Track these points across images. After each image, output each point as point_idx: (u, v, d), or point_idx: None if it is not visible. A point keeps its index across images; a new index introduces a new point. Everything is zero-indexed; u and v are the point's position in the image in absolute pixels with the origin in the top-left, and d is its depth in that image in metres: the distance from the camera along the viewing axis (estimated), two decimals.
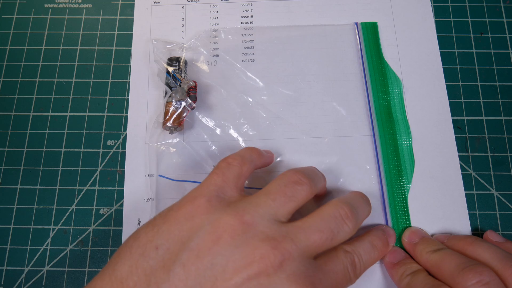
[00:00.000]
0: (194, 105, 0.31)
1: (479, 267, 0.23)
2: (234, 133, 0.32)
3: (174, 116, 0.30)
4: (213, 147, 0.32)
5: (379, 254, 0.26)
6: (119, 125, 0.33)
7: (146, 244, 0.21)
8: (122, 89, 0.34)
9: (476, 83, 0.34)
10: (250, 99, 0.33)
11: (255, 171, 0.29)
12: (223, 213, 0.21)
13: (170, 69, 0.32)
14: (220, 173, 0.23)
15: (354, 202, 0.24)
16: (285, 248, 0.20)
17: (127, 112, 0.33)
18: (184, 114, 0.31)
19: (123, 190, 0.31)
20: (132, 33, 0.35)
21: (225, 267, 0.19)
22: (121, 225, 0.30)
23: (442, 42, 0.34)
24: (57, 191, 0.31)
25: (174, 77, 0.32)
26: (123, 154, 0.32)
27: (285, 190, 0.23)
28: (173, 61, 0.32)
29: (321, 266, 0.22)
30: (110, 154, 0.32)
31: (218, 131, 0.32)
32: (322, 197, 0.30)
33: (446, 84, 0.33)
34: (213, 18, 0.36)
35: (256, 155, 0.26)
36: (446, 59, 0.34)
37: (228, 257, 0.20)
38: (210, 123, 0.32)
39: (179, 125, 0.30)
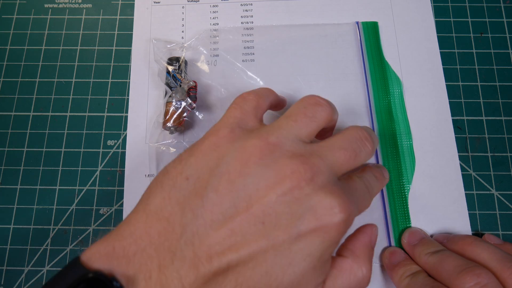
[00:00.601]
0: (194, 105, 0.31)
1: (477, 269, 0.23)
2: None
3: (174, 116, 0.30)
4: None
5: (380, 184, 0.26)
6: (119, 125, 0.33)
7: (176, 176, 0.21)
8: (122, 89, 0.34)
9: (476, 83, 0.34)
10: None
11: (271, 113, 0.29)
12: (248, 138, 0.21)
13: (170, 69, 0.32)
14: (237, 107, 0.24)
15: (368, 129, 0.24)
16: (314, 163, 0.20)
17: (127, 112, 0.33)
18: (184, 114, 0.31)
19: (123, 190, 0.31)
20: (132, 33, 0.35)
21: (258, 186, 0.20)
22: None
23: (442, 42, 0.34)
24: (57, 191, 0.31)
25: (174, 77, 0.32)
26: (123, 154, 0.32)
27: (305, 111, 0.23)
28: (173, 61, 0.32)
29: (345, 184, 0.22)
30: (110, 154, 0.32)
31: None
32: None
33: (446, 84, 0.33)
34: (213, 18, 0.36)
35: (270, 92, 0.26)
36: (446, 59, 0.34)
37: (259, 177, 0.20)
38: (210, 123, 0.32)
39: (179, 125, 0.30)
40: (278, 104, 0.28)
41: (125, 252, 0.19)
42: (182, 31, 0.35)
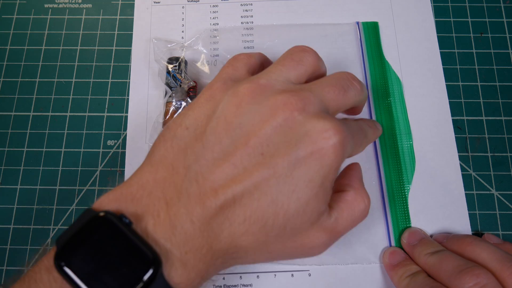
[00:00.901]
0: None
1: (476, 270, 0.23)
2: None
3: (175, 116, 0.30)
4: None
5: (374, 132, 0.28)
6: (119, 125, 0.33)
7: (177, 128, 0.22)
8: (122, 89, 0.34)
9: (476, 83, 0.34)
10: None
11: None
12: (240, 84, 0.22)
13: (170, 68, 0.32)
14: (229, 65, 0.25)
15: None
16: (305, 95, 0.21)
17: (127, 112, 0.33)
18: None
19: None
20: (132, 33, 0.35)
21: (253, 122, 0.20)
22: None
23: (442, 42, 0.34)
24: (57, 191, 0.31)
25: (174, 77, 0.32)
26: (123, 154, 0.32)
27: (292, 57, 0.24)
28: (173, 61, 0.32)
29: (338, 119, 0.23)
30: (110, 154, 0.32)
31: None
32: None
33: (446, 84, 0.33)
34: (213, 18, 0.36)
35: (261, 54, 0.27)
36: (446, 59, 0.34)
37: (253, 113, 0.21)
38: None
39: None
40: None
41: (133, 196, 0.20)
42: (182, 31, 0.35)
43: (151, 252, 0.18)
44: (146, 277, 0.17)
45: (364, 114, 0.32)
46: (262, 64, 0.26)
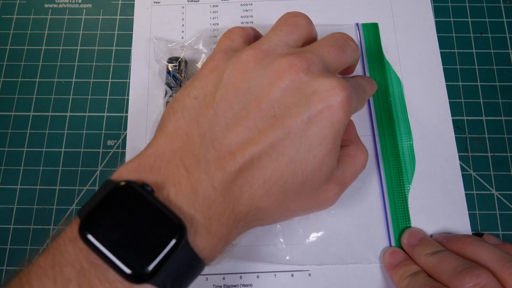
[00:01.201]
0: None
1: (476, 270, 0.23)
2: None
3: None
4: None
5: (371, 87, 0.28)
6: (119, 125, 0.33)
7: (185, 99, 0.22)
8: (122, 89, 0.34)
9: (476, 83, 0.34)
10: None
11: None
12: (241, 52, 0.23)
13: (171, 68, 0.32)
14: (226, 37, 0.25)
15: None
16: (307, 56, 0.22)
17: (127, 112, 0.33)
18: None
19: None
20: (132, 33, 0.35)
21: (261, 85, 0.21)
22: None
23: (442, 42, 0.34)
24: (57, 191, 0.31)
25: (174, 76, 0.32)
26: (123, 154, 0.32)
27: (287, 22, 0.25)
28: (174, 60, 0.32)
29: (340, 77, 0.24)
30: (110, 154, 0.32)
31: None
32: None
33: (446, 84, 0.33)
34: (213, 18, 0.36)
35: (254, 28, 0.28)
36: (446, 59, 0.34)
37: (260, 77, 0.21)
38: None
39: None
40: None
41: (151, 166, 0.20)
42: (182, 31, 0.35)
43: (176, 218, 0.18)
44: (171, 243, 0.17)
45: (364, 114, 0.32)
46: (256, 36, 0.27)
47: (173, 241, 0.17)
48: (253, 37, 0.27)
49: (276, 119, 0.20)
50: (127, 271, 0.17)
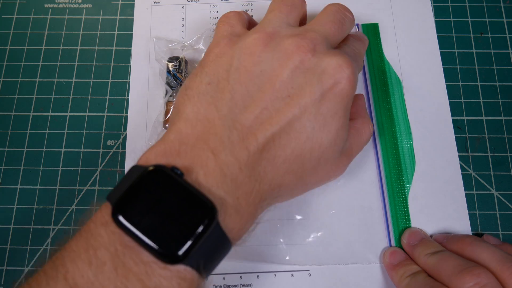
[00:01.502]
0: None
1: (476, 269, 0.23)
2: None
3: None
4: None
5: (363, 44, 0.29)
6: (119, 125, 0.33)
7: (198, 86, 0.23)
8: (122, 89, 0.34)
9: (476, 83, 0.34)
10: None
11: None
12: (246, 37, 0.23)
13: (171, 68, 0.32)
14: (224, 23, 0.26)
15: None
16: (312, 36, 0.23)
17: (127, 112, 0.33)
18: None
19: None
20: (132, 33, 0.35)
21: (273, 67, 0.22)
22: None
23: (442, 42, 0.34)
24: (57, 191, 0.31)
25: (174, 76, 0.32)
26: (123, 154, 0.32)
27: (284, 2, 0.25)
28: (174, 60, 0.32)
29: (340, 51, 0.25)
30: (110, 154, 0.32)
31: None
32: None
33: (446, 84, 0.33)
34: (213, 18, 0.36)
35: (246, 12, 0.28)
36: (446, 59, 0.34)
37: (271, 59, 0.22)
38: None
39: None
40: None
41: (177, 151, 0.20)
42: (182, 31, 0.35)
43: (207, 200, 0.18)
44: (203, 225, 0.18)
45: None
46: (249, 20, 0.28)
47: (205, 222, 0.18)
48: (248, 20, 0.27)
49: (292, 99, 0.22)
50: (161, 251, 0.17)
